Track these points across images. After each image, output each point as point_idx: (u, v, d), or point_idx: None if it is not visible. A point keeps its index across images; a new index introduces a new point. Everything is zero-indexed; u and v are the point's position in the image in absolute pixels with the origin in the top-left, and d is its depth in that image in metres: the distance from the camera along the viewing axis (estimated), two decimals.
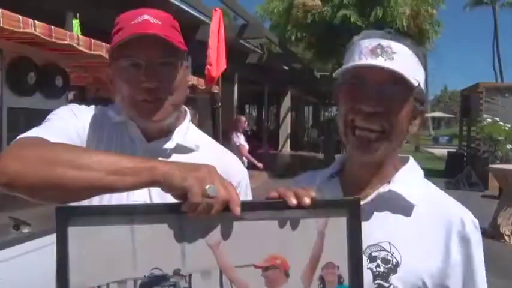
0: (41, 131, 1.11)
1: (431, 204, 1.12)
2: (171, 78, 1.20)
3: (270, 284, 0.94)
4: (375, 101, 1.04)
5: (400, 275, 1.06)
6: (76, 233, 0.92)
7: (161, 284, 0.92)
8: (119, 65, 1.18)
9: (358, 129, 1.07)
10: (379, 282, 1.06)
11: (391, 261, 1.07)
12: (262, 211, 0.95)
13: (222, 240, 0.93)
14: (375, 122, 1.06)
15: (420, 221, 1.10)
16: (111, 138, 1.26)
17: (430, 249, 1.07)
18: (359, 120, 1.06)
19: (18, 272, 1.83)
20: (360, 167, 1.16)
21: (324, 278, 0.95)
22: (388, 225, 1.10)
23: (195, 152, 1.30)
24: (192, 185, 0.88)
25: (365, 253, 1.08)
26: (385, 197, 1.11)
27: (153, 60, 1.16)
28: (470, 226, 1.09)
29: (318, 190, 1.20)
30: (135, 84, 1.16)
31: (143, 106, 1.18)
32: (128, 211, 0.95)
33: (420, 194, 1.12)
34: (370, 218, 1.11)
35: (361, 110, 1.05)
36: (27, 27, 2.00)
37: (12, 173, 0.94)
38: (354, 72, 1.07)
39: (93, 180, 0.92)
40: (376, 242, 1.09)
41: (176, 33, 1.22)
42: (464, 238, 1.07)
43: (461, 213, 1.11)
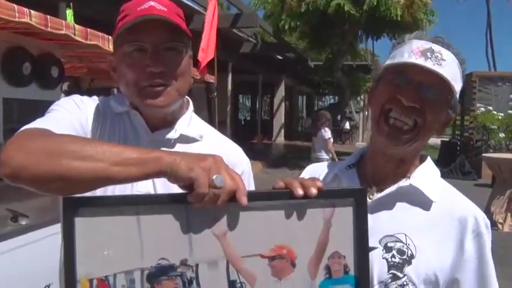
0: (45, 122, 1.10)
1: (448, 201, 1.14)
2: (177, 64, 1.19)
3: (276, 274, 0.94)
4: (416, 97, 1.07)
5: (414, 266, 1.07)
6: (83, 223, 0.92)
7: (168, 274, 0.92)
8: (123, 51, 1.17)
9: (393, 119, 1.09)
10: (393, 272, 1.08)
11: (406, 253, 1.08)
12: (268, 201, 0.95)
13: (228, 230, 0.93)
14: (411, 116, 1.08)
15: (436, 216, 1.12)
16: (114, 128, 1.25)
17: (445, 243, 1.10)
18: (396, 111, 1.09)
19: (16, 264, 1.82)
20: (383, 161, 1.17)
21: (330, 268, 0.96)
22: (406, 218, 1.12)
23: (199, 142, 1.29)
24: (198, 175, 0.87)
25: (381, 243, 1.10)
26: (404, 191, 1.13)
27: (159, 44, 1.15)
28: (483, 225, 1.11)
29: (335, 178, 1.21)
30: (140, 69, 1.15)
31: (148, 91, 1.17)
32: (135, 202, 0.94)
33: (439, 191, 1.14)
34: (389, 209, 1.13)
35: (401, 102, 1.07)
36: (23, 16, 1.97)
37: (16, 165, 0.93)
38: (401, 69, 1.09)
39: (98, 171, 0.91)
40: (392, 233, 1.10)
41: (181, 20, 1.22)
42: (478, 235, 1.10)
43: (475, 212, 1.13)
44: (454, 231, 1.10)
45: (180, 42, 1.19)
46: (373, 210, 1.11)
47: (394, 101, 1.09)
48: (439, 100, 1.09)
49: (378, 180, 1.17)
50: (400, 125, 1.09)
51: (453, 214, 1.12)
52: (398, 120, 1.09)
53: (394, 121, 1.09)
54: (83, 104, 1.24)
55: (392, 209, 1.13)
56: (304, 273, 0.95)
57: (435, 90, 1.08)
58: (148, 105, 1.19)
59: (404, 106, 1.07)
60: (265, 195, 0.96)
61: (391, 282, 1.07)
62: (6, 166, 0.94)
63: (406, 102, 1.07)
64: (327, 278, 0.95)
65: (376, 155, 1.19)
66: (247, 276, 0.94)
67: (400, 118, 1.09)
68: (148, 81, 1.16)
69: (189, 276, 0.93)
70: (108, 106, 1.27)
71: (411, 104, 1.07)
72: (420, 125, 1.09)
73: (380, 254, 1.08)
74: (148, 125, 1.25)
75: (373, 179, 1.18)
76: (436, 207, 1.12)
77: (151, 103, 1.18)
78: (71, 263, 0.91)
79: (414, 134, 1.10)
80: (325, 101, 41.83)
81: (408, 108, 1.07)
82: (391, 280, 1.07)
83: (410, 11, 13.91)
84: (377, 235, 1.08)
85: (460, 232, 1.10)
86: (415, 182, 1.13)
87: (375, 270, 1.07)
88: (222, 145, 1.34)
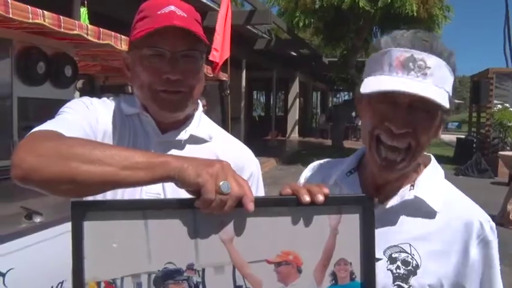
0: (55, 124, 1.11)
1: (452, 207, 1.11)
2: (193, 72, 1.21)
3: (282, 280, 0.94)
4: (406, 122, 1.01)
5: (419, 277, 1.06)
6: (91, 227, 0.93)
7: (175, 278, 0.93)
8: (141, 53, 1.18)
9: (385, 148, 1.05)
10: (398, 283, 1.07)
11: (411, 263, 1.07)
12: (275, 207, 0.95)
13: (235, 235, 0.93)
14: (403, 141, 1.03)
15: (441, 224, 1.09)
16: (124, 130, 1.26)
17: (450, 251, 1.08)
18: (386, 138, 1.03)
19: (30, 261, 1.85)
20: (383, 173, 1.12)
21: (336, 274, 0.95)
22: (410, 228, 1.10)
23: (208, 143, 1.31)
24: (205, 181, 0.88)
25: (385, 254, 1.09)
26: (408, 202, 1.10)
27: (177, 52, 1.17)
28: (488, 229, 1.09)
29: (336, 185, 1.20)
30: (158, 74, 1.17)
31: (162, 97, 1.19)
32: (143, 206, 0.95)
33: (442, 199, 1.11)
34: (392, 220, 1.11)
35: (390, 129, 1.02)
36: (36, 17, 2.00)
37: (27, 167, 0.94)
38: (385, 92, 1.01)
39: (107, 175, 0.92)
40: (396, 243, 1.09)
41: (199, 26, 1.23)
42: (483, 240, 1.08)
43: (480, 216, 1.10)
44: (459, 238, 1.08)
45: (197, 51, 1.21)
46: (376, 220, 1.03)
47: (383, 127, 1.04)
48: (431, 116, 1.04)
49: (379, 186, 1.14)
50: (392, 157, 1.05)
51: (457, 221, 1.09)
52: (390, 152, 1.04)
53: (386, 153, 1.05)
54: (93, 106, 1.26)
55: (396, 219, 1.11)
56: (310, 280, 0.95)
57: (425, 107, 1.01)
58: (161, 111, 1.22)
59: (395, 134, 1.02)
60: (272, 202, 0.96)
61: None
62: (18, 168, 0.95)
63: (396, 130, 1.01)
64: (333, 284, 0.95)
65: (373, 166, 1.12)
66: (253, 282, 0.94)
67: (393, 144, 1.03)
68: (164, 87, 1.18)
69: (195, 281, 0.93)
70: (118, 108, 1.28)
71: (402, 131, 1.02)
72: (414, 147, 1.04)
73: (385, 265, 1.07)
74: (158, 126, 1.26)
75: (374, 185, 1.15)
76: (440, 215, 1.10)
77: (164, 109, 1.21)
78: (79, 266, 0.92)
79: (409, 158, 1.05)
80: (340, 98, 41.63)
81: (399, 135, 1.02)
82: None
83: (425, 6, 13.71)
84: (381, 246, 1.06)
85: (464, 239, 1.08)
86: (419, 192, 1.10)
87: (380, 281, 1.05)
88: (231, 146, 1.35)
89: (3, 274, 1.72)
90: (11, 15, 1.97)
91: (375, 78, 1.03)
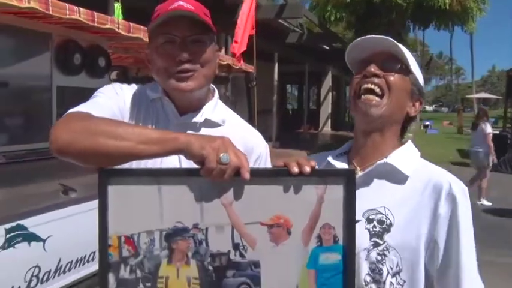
0: (87, 106, 1.29)
1: (424, 173, 1.27)
2: (202, 53, 1.36)
3: (274, 240, 1.10)
4: (378, 69, 1.28)
5: (393, 234, 1.21)
6: (114, 191, 1.10)
7: (182, 235, 1.10)
8: (156, 43, 1.35)
9: (363, 95, 1.28)
10: (374, 240, 1.22)
11: (385, 222, 1.22)
12: (268, 177, 1.11)
13: (234, 200, 1.09)
14: (377, 83, 1.28)
15: (412, 188, 1.25)
16: (148, 112, 1.42)
17: (420, 210, 1.22)
18: (364, 83, 1.28)
19: (66, 231, 2.08)
20: (363, 140, 1.33)
21: (321, 237, 1.10)
22: (384, 192, 1.26)
23: (222, 127, 1.45)
24: (208, 153, 1.04)
25: (363, 216, 1.24)
26: (382, 169, 1.27)
27: (186, 37, 1.33)
28: (457, 189, 1.22)
29: (328, 165, 1.36)
30: (171, 58, 1.33)
31: (177, 77, 1.35)
32: (157, 174, 1.12)
33: (413, 167, 1.28)
34: (369, 186, 1.28)
35: (368, 71, 1.28)
36: (73, 13, 2.21)
37: (62, 142, 1.13)
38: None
39: (127, 148, 1.10)
40: (373, 207, 1.25)
41: (207, 17, 1.38)
42: (450, 196, 1.21)
43: (450, 178, 1.25)
44: (430, 198, 1.22)
45: (204, 35, 1.36)
46: (357, 187, 1.21)
47: (363, 75, 1.30)
48: (396, 69, 1.29)
49: (360, 161, 1.32)
50: (370, 97, 1.28)
51: (428, 183, 1.24)
52: (368, 92, 1.28)
53: (364, 96, 1.28)
54: (122, 91, 1.43)
55: (373, 186, 1.28)
56: (298, 241, 1.10)
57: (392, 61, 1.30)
58: (178, 89, 1.36)
59: (372, 73, 1.28)
60: (266, 172, 1.12)
61: (372, 248, 1.21)
62: (55, 143, 1.14)
63: (374, 71, 1.28)
64: (318, 245, 1.10)
65: (358, 137, 1.35)
66: (248, 240, 1.10)
67: (369, 86, 1.28)
68: (177, 68, 1.33)
69: (199, 238, 1.10)
70: (143, 93, 1.45)
71: (377, 71, 1.28)
72: (385, 91, 1.28)
73: (363, 225, 1.22)
74: (177, 109, 1.42)
75: (358, 161, 1.33)
76: (411, 181, 1.25)
77: (180, 86, 1.35)
78: (104, 223, 1.10)
79: (384, 100, 1.28)
80: None
81: (373, 75, 1.28)
82: (373, 247, 1.21)
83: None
84: (360, 209, 1.21)
85: (434, 198, 1.22)
86: (391, 160, 1.27)
87: (360, 240, 1.18)
88: (243, 130, 1.49)
89: (43, 240, 1.95)
90: (50, 12, 2.18)
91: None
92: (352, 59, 1.37)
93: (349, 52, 1.36)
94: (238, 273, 1.10)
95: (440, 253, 1.20)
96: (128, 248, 1.11)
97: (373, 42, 1.31)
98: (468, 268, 1.19)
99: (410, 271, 1.21)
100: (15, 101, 2.44)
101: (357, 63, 1.35)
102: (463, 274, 1.18)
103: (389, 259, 1.20)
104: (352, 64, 1.37)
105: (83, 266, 2.17)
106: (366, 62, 1.31)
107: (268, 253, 1.10)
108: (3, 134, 2.30)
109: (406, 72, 1.30)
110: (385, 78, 1.28)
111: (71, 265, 2.10)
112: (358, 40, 1.33)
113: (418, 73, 1.33)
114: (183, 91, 1.36)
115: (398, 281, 1.21)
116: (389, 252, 1.20)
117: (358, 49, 1.33)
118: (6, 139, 2.30)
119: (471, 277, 1.19)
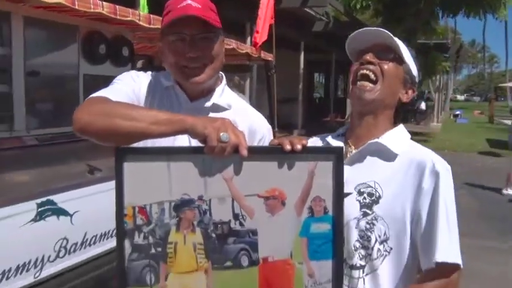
0: (106, 91, 1.43)
1: (411, 153, 1.39)
2: (209, 49, 1.48)
3: (270, 210, 1.22)
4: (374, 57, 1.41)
5: (381, 205, 1.34)
6: (129, 167, 1.24)
7: (189, 206, 1.23)
8: (168, 40, 1.48)
9: (359, 81, 1.41)
10: (364, 210, 1.34)
11: (374, 195, 1.34)
12: (265, 154, 1.24)
13: (234, 175, 1.22)
14: (372, 69, 1.40)
15: (400, 164, 1.37)
16: (162, 98, 1.56)
17: (406, 185, 1.34)
18: (361, 69, 1.41)
19: (91, 207, 2.26)
20: (359, 122, 1.45)
21: (313, 208, 1.22)
22: (376, 169, 1.38)
23: (228, 111, 1.57)
24: (210, 132, 1.16)
25: (355, 189, 1.36)
26: (373, 147, 1.40)
27: (195, 35, 1.45)
28: (440, 166, 1.33)
29: (327, 144, 1.48)
30: (181, 54, 1.46)
31: (186, 71, 1.48)
32: (167, 151, 1.26)
33: (402, 147, 1.40)
34: (362, 163, 1.41)
35: (364, 59, 1.41)
36: (97, 7, 2.38)
37: (84, 122, 1.27)
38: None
39: (140, 128, 1.23)
40: (364, 181, 1.37)
41: (213, 14, 1.50)
42: (433, 172, 1.32)
43: (435, 157, 1.36)
44: (415, 174, 1.34)
45: (211, 33, 1.48)
46: (351, 163, 1.39)
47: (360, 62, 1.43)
48: (390, 58, 1.42)
49: (355, 141, 1.44)
50: (365, 84, 1.40)
51: (414, 161, 1.36)
52: (363, 78, 1.41)
53: (360, 82, 1.41)
54: (138, 78, 1.57)
55: (366, 162, 1.40)
56: (291, 211, 1.22)
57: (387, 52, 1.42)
58: (189, 82, 1.50)
59: (367, 61, 1.41)
60: (262, 150, 1.25)
61: (362, 218, 1.34)
62: (77, 123, 1.28)
63: (369, 59, 1.41)
64: (310, 216, 1.22)
65: (353, 119, 1.47)
66: (247, 211, 1.23)
67: (365, 73, 1.40)
68: (187, 63, 1.46)
69: (204, 208, 1.23)
70: (158, 80, 1.58)
71: (373, 59, 1.41)
72: (379, 76, 1.40)
73: (354, 197, 1.35)
74: (188, 96, 1.55)
75: (353, 141, 1.45)
76: (400, 158, 1.38)
77: (191, 80, 1.49)
78: (120, 195, 1.24)
79: (378, 86, 1.40)
80: None
81: (368, 62, 1.41)
82: (363, 216, 1.34)
83: None
84: (353, 183, 1.35)
85: (419, 174, 1.33)
86: (382, 140, 1.39)
87: (350, 210, 1.33)
88: (247, 114, 1.61)
89: (71, 215, 2.14)
90: (76, 6, 2.35)
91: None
92: (352, 49, 1.49)
93: (349, 43, 1.48)
94: (238, 240, 1.23)
95: (423, 223, 1.31)
96: (141, 217, 1.25)
97: (370, 34, 1.43)
98: (445, 234, 1.29)
99: (397, 240, 1.33)
100: (46, 88, 2.64)
101: (356, 53, 1.47)
102: (439, 241, 1.28)
103: (377, 228, 1.32)
104: (352, 54, 1.49)
105: (107, 240, 2.36)
106: (364, 52, 1.43)
107: (265, 222, 1.23)
108: (35, 118, 2.49)
109: (399, 61, 1.43)
110: (379, 65, 1.40)
111: (95, 239, 2.28)
112: (356, 32, 1.44)
113: (411, 64, 1.45)
114: (193, 84, 1.49)
115: (386, 248, 1.33)
116: (377, 221, 1.32)
117: (357, 41, 1.45)
118: (38, 123, 2.50)
119: (447, 243, 1.28)
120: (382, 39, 1.42)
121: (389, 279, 1.34)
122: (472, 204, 8.02)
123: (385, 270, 1.34)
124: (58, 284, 2.11)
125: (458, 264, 1.28)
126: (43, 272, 2.04)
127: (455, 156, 13.80)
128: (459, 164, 12.32)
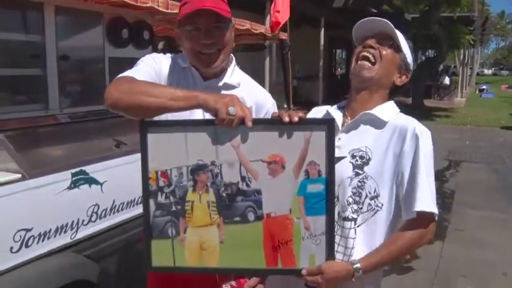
0: (131, 72, 1.62)
1: (397, 121, 1.58)
2: (222, 36, 1.67)
3: (272, 173, 1.42)
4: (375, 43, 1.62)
5: (371, 166, 1.54)
6: (152, 137, 1.45)
7: (203, 169, 1.44)
8: (185, 29, 1.67)
9: (360, 61, 1.62)
10: (356, 171, 1.54)
11: (365, 157, 1.54)
12: (267, 125, 1.43)
13: (241, 143, 1.42)
14: (372, 52, 1.61)
15: (387, 131, 1.57)
16: (179, 77, 1.75)
17: (391, 148, 1.54)
18: (362, 52, 1.62)
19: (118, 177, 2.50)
20: (355, 95, 1.64)
21: (309, 172, 1.42)
22: (367, 136, 1.58)
23: (237, 88, 1.76)
24: (220, 107, 1.36)
25: (349, 153, 1.56)
26: (365, 118, 1.59)
27: (209, 25, 1.64)
28: (420, 131, 1.52)
29: (328, 114, 1.67)
30: (197, 42, 1.65)
31: (202, 57, 1.67)
32: (184, 124, 1.46)
33: (391, 117, 1.59)
34: (356, 130, 1.61)
35: (366, 43, 1.62)
36: None
37: (114, 99, 1.47)
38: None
39: (160, 103, 1.43)
40: (357, 147, 1.56)
41: (224, 4, 1.68)
42: (414, 137, 1.52)
43: (416, 124, 1.55)
44: (398, 138, 1.54)
45: (223, 23, 1.66)
46: (347, 131, 1.60)
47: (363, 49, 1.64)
48: (389, 46, 1.62)
49: (351, 113, 1.64)
50: (364, 63, 1.61)
51: (399, 127, 1.55)
52: (363, 59, 1.61)
53: (361, 60, 1.62)
54: (159, 59, 1.76)
55: (360, 130, 1.60)
56: (290, 174, 1.42)
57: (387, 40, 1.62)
58: (203, 67, 1.69)
59: (369, 45, 1.62)
60: (264, 121, 1.45)
61: (355, 177, 1.54)
62: (108, 99, 1.48)
63: (372, 44, 1.62)
64: (306, 178, 1.42)
65: (352, 94, 1.66)
66: (253, 174, 1.43)
67: (365, 54, 1.61)
68: (202, 49, 1.65)
69: (215, 172, 1.44)
70: (176, 62, 1.78)
71: (374, 45, 1.62)
72: (378, 59, 1.61)
73: (348, 160, 1.55)
74: (202, 76, 1.75)
75: (349, 113, 1.65)
76: (388, 126, 1.57)
77: (204, 65, 1.68)
78: (145, 161, 1.46)
79: (375, 66, 1.60)
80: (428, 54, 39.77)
81: (369, 46, 1.62)
82: (355, 176, 1.54)
83: None
84: (348, 148, 1.56)
85: (402, 138, 1.53)
86: (373, 111, 1.59)
87: (344, 170, 1.53)
88: (254, 90, 1.81)
89: (101, 183, 2.38)
90: None
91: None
92: (357, 36, 1.69)
93: (355, 30, 1.69)
94: (245, 198, 1.44)
95: (405, 181, 1.51)
96: (163, 179, 1.46)
97: (375, 23, 1.64)
98: (424, 188, 1.48)
99: (387, 197, 1.53)
100: (75, 71, 2.86)
101: (360, 39, 1.67)
102: (418, 193, 1.47)
103: (368, 185, 1.53)
104: (357, 39, 1.69)
105: (133, 207, 2.60)
106: (367, 38, 1.64)
107: (268, 183, 1.43)
108: (66, 98, 2.72)
109: (396, 49, 1.63)
110: (379, 50, 1.61)
111: (123, 205, 2.53)
112: (362, 21, 1.65)
113: (407, 53, 1.66)
114: (207, 68, 1.69)
115: (377, 204, 1.53)
116: (367, 180, 1.52)
117: (363, 29, 1.67)
118: (69, 102, 2.73)
119: (425, 195, 1.48)
120: (384, 28, 1.62)
121: (379, 230, 1.54)
122: (491, 178, 8.10)
123: (375, 222, 1.54)
124: (91, 244, 2.37)
125: (435, 214, 1.48)
126: (78, 234, 2.29)
127: (477, 131, 13.72)
128: (481, 139, 12.28)
